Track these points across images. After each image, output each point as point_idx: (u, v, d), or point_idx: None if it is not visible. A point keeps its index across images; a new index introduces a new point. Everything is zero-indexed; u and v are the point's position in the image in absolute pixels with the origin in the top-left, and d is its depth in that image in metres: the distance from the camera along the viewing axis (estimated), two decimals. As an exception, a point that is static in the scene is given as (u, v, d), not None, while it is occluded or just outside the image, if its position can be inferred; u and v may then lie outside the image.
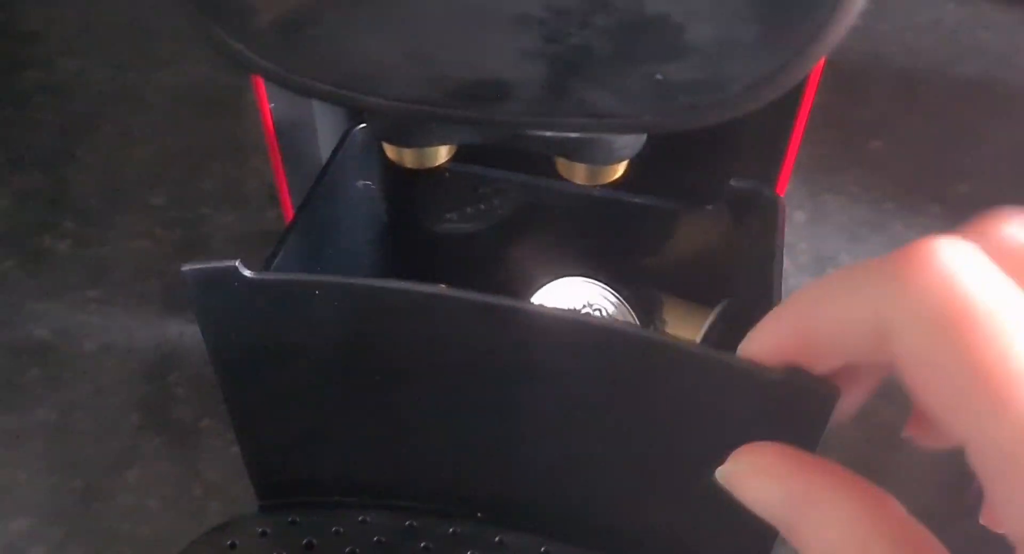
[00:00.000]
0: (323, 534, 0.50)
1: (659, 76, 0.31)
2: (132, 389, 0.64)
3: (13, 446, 0.61)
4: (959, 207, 0.77)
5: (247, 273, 0.39)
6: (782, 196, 0.53)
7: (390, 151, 0.41)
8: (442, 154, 0.41)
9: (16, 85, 0.88)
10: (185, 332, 0.67)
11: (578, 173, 0.40)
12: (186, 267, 0.40)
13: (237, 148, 0.81)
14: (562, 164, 0.41)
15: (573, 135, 0.37)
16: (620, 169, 0.40)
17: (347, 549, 0.49)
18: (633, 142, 0.39)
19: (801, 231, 0.75)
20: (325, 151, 0.56)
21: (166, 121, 0.85)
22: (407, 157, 0.41)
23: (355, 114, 0.55)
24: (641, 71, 0.31)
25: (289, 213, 0.58)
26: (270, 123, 0.53)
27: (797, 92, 0.46)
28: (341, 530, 0.50)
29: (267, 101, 0.52)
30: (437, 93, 0.32)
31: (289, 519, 0.51)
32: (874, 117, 0.84)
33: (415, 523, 0.50)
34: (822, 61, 0.47)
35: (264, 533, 0.51)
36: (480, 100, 0.32)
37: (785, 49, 0.31)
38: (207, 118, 0.85)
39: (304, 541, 0.50)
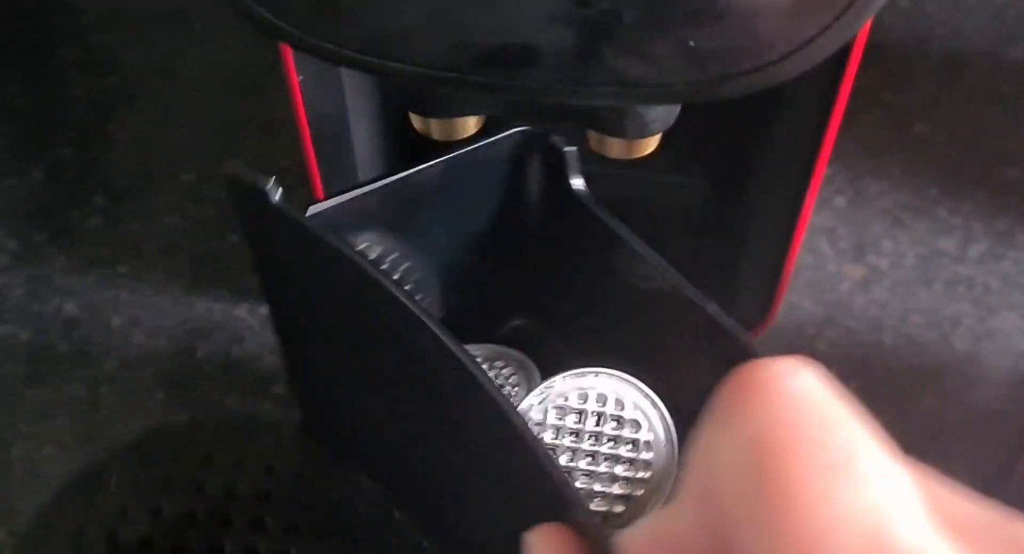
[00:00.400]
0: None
1: (692, 42, 0.30)
2: (159, 365, 0.64)
3: (40, 420, 0.61)
4: (1005, 192, 0.74)
5: (274, 199, 0.40)
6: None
7: (417, 122, 0.40)
8: (470, 126, 0.40)
9: (50, 61, 0.88)
10: (213, 309, 0.67)
11: (610, 147, 0.39)
12: (228, 168, 0.42)
13: (268, 125, 0.80)
14: (594, 138, 0.39)
15: (602, 105, 0.36)
16: (653, 143, 0.38)
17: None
18: (665, 115, 0.37)
19: (841, 216, 0.73)
20: (354, 128, 0.55)
21: (198, 98, 0.84)
22: (434, 128, 0.40)
23: (384, 90, 0.54)
24: (673, 37, 0.30)
25: (319, 191, 0.57)
26: (299, 97, 0.52)
27: (837, 71, 0.44)
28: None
29: (296, 74, 0.51)
30: (462, 59, 0.31)
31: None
32: (919, 100, 0.82)
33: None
34: (863, 39, 0.46)
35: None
36: (506, 67, 0.31)
37: (823, 14, 0.29)
38: (239, 95, 0.84)
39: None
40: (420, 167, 0.47)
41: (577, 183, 0.50)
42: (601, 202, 0.50)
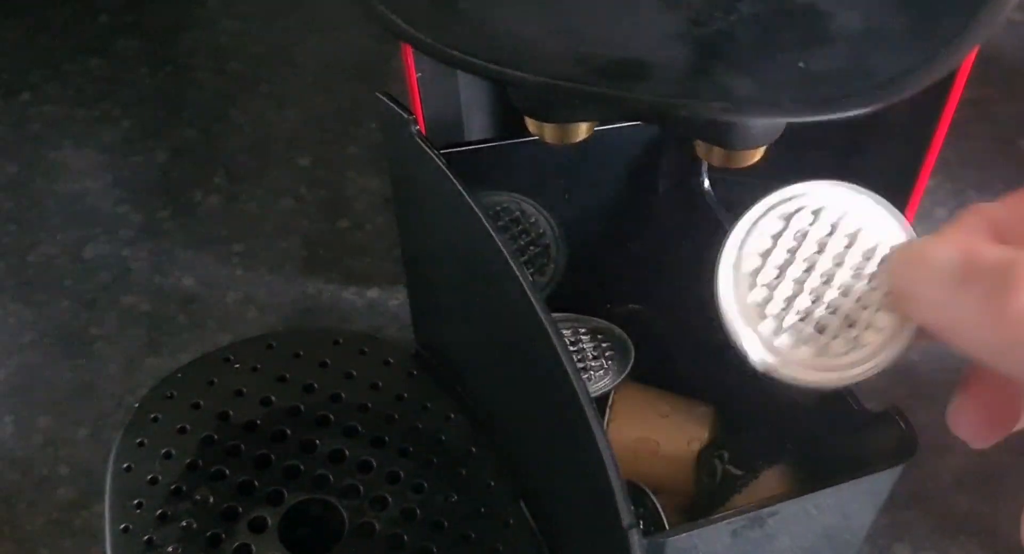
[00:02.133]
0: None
1: (802, 64, 0.32)
2: (270, 341, 0.67)
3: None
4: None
5: (412, 129, 0.45)
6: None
7: (531, 125, 0.42)
8: (583, 130, 0.42)
9: (178, 45, 0.92)
10: (323, 290, 0.70)
11: (714, 155, 0.40)
12: (382, 95, 0.47)
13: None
14: (700, 146, 0.41)
15: (710, 119, 0.37)
16: (757, 155, 0.40)
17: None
18: (772, 128, 0.39)
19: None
20: (468, 121, 0.58)
21: (317, 85, 0.88)
22: (548, 132, 0.42)
23: (499, 89, 0.56)
24: (784, 58, 0.32)
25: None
26: (416, 92, 0.54)
27: (944, 88, 0.45)
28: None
29: (415, 70, 0.53)
30: (580, 70, 0.33)
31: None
32: (1029, 114, 0.81)
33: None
34: (972, 56, 0.46)
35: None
36: (622, 78, 0.33)
37: (932, 42, 0.30)
38: (357, 84, 0.87)
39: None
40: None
41: (704, 182, 0.52)
42: (723, 204, 0.52)
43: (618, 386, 0.52)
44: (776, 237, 0.33)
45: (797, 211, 0.33)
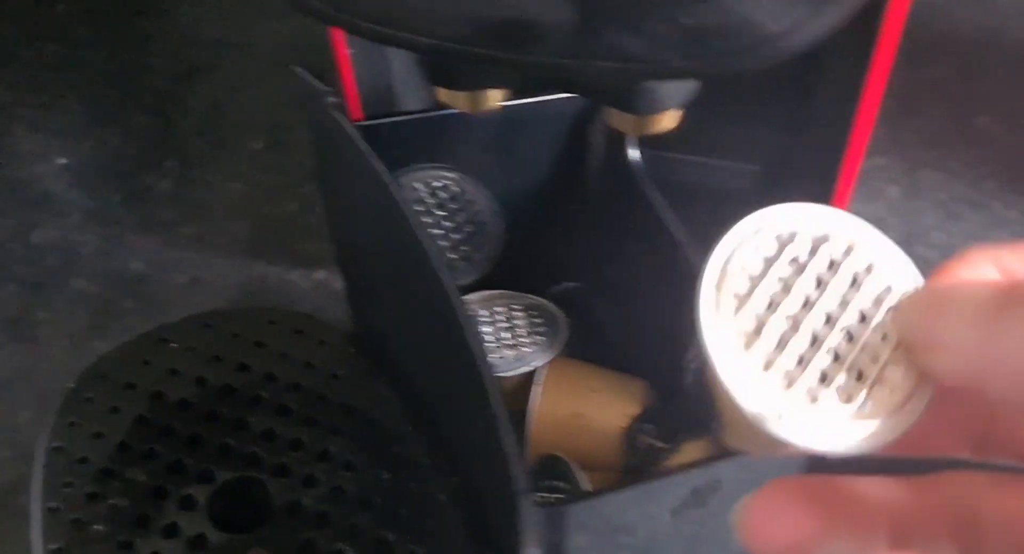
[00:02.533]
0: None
1: (689, 20, 0.31)
2: (215, 323, 0.67)
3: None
4: (1067, 189, 0.74)
5: (327, 101, 0.46)
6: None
7: (443, 95, 0.41)
8: (494, 97, 0.41)
9: (133, 31, 0.92)
10: (269, 272, 0.70)
11: (627, 123, 0.40)
12: (299, 69, 0.50)
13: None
14: (610, 114, 0.41)
15: (606, 80, 0.37)
16: (666, 120, 0.39)
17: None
18: (677, 92, 0.38)
19: (894, 206, 0.73)
20: (403, 99, 0.57)
21: (271, 71, 0.87)
22: (460, 101, 0.41)
23: (428, 70, 0.56)
24: (668, 14, 0.31)
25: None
26: (347, 68, 0.54)
27: (865, 53, 0.44)
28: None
29: (344, 46, 0.53)
30: (470, 31, 0.33)
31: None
32: (986, 92, 0.81)
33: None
34: (898, 20, 0.46)
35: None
36: (511, 40, 0.32)
37: (816, -4, 0.30)
38: (310, 69, 0.87)
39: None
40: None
41: (633, 154, 0.51)
42: (651, 179, 0.52)
43: (551, 362, 0.51)
44: (769, 261, 0.27)
45: (793, 235, 0.27)
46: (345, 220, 0.52)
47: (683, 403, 0.49)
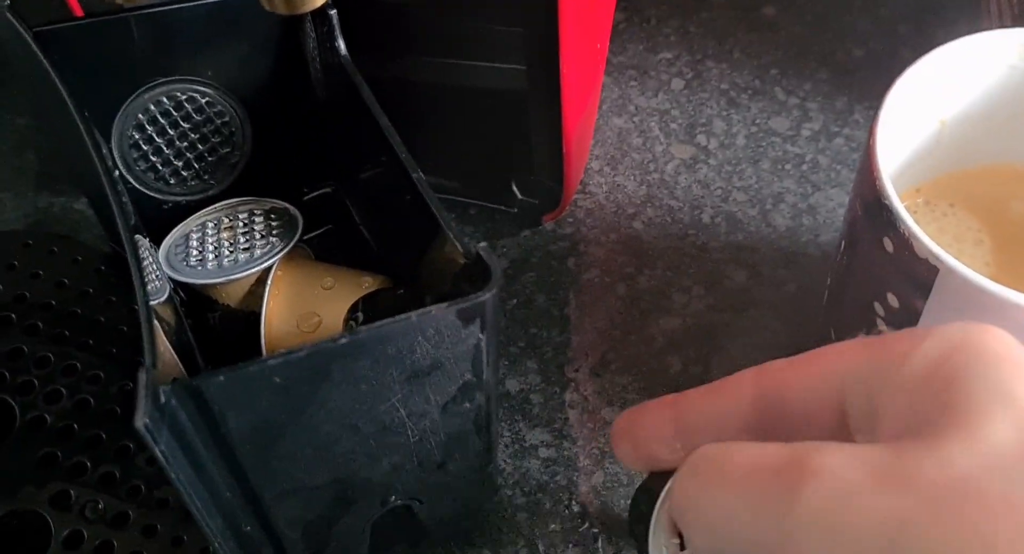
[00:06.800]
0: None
1: None
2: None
3: None
4: (848, 72, 0.75)
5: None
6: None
7: (263, 1, 0.41)
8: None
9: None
10: (54, 203, 0.69)
11: (276, 3, 0.40)
12: None
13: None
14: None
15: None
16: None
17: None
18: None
19: (677, 98, 0.74)
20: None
21: None
22: (277, 3, 0.41)
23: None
24: None
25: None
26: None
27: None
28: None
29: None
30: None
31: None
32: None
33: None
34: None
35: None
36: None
37: None
38: None
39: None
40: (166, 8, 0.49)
41: (340, 50, 0.51)
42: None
43: (283, 264, 0.52)
44: None
45: None
46: (50, 138, 0.52)
47: (396, 290, 0.50)
